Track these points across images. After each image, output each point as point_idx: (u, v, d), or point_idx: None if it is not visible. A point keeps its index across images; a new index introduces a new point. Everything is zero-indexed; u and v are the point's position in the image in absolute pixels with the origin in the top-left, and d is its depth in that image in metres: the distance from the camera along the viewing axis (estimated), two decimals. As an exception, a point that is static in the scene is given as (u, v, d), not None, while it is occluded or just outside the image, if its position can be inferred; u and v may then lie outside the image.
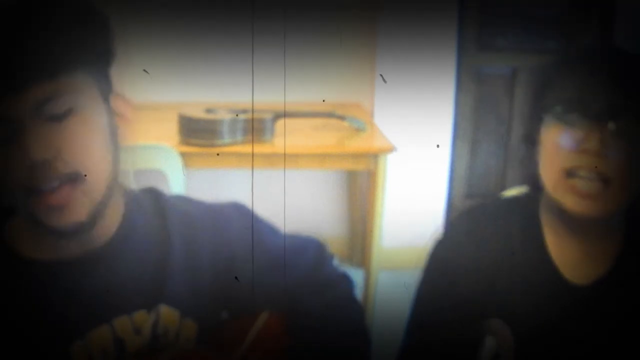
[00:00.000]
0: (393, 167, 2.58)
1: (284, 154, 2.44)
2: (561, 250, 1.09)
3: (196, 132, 2.38)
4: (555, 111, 1.00)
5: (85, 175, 0.84)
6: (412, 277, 1.20)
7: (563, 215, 1.04)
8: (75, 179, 0.83)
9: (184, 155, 2.29)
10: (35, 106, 0.80)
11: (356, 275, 1.14)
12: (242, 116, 2.44)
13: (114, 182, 0.90)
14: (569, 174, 0.99)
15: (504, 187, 2.73)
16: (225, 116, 2.42)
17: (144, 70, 2.70)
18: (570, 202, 1.00)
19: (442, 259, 1.15)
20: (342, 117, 2.65)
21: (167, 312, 0.95)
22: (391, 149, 2.53)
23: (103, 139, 0.87)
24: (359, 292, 1.15)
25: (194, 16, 2.99)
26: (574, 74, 1.01)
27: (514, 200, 1.18)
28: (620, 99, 0.96)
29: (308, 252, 1.09)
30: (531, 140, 1.07)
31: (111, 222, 0.93)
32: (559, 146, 1.00)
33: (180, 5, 2.99)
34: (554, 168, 1.01)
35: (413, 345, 1.15)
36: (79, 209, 0.85)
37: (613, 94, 0.96)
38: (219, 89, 3.03)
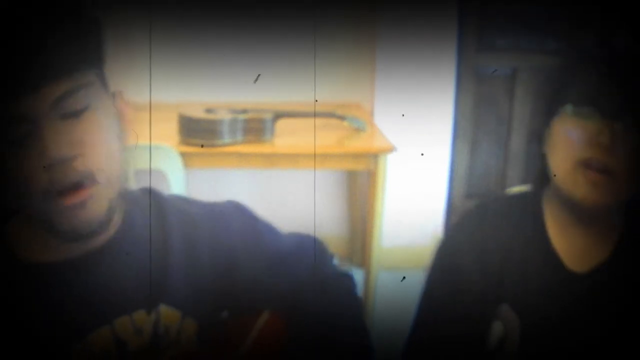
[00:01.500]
0: (393, 167, 2.58)
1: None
2: (563, 240, 1.15)
3: (196, 132, 2.38)
4: (571, 106, 1.08)
5: (102, 173, 0.83)
6: (411, 277, 1.22)
7: (570, 205, 1.10)
8: (93, 176, 0.82)
9: (184, 155, 2.29)
10: (53, 104, 0.79)
11: (356, 275, 1.15)
12: (241, 116, 2.44)
13: (123, 182, 0.89)
14: (582, 164, 1.05)
15: (504, 187, 2.74)
16: (225, 116, 2.42)
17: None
18: (581, 191, 1.06)
19: (447, 256, 1.20)
20: (342, 117, 2.64)
21: (167, 312, 0.95)
22: (391, 149, 2.53)
23: (114, 137, 0.87)
24: (359, 292, 1.15)
25: (193, 16, 2.99)
26: (589, 75, 1.08)
27: (516, 196, 1.24)
28: (629, 99, 1.04)
29: (308, 251, 1.09)
30: (539, 136, 1.14)
31: (115, 223, 0.93)
32: (573, 138, 1.07)
33: (180, 5, 2.98)
34: (568, 158, 1.07)
35: (419, 340, 1.18)
36: (97, 207, 0.84)
37: (624, 95, 1.04)
38: (219, 89, 3.03)
